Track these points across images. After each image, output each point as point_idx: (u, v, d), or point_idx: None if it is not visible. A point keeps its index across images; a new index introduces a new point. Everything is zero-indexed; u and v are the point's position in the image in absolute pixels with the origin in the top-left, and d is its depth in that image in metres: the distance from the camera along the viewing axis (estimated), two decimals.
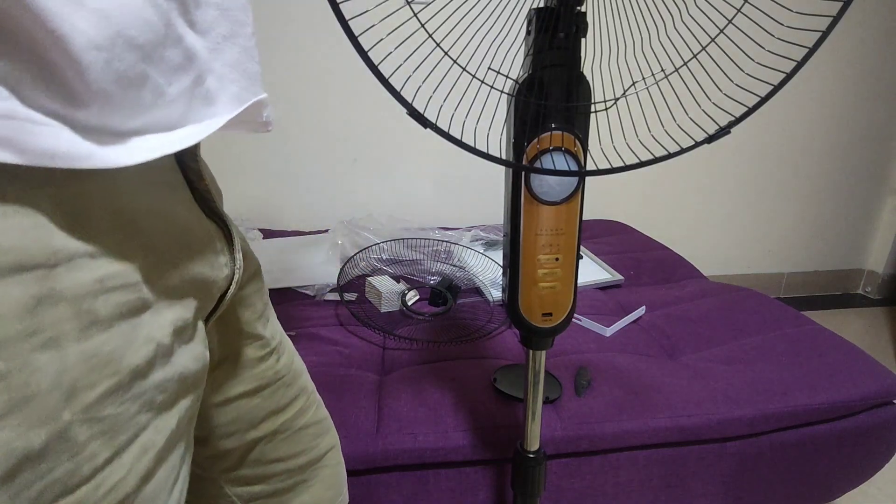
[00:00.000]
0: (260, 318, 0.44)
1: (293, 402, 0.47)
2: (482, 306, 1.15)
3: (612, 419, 0.80)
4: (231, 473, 0.44)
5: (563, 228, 0.53)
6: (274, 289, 1.22)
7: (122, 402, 0.25)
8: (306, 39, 1.51)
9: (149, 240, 0.28)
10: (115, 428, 0.25)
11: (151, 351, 0.27)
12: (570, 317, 0.58)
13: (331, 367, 0.90)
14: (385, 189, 1.71)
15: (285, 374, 0.46)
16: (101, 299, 0.24)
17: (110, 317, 0.24)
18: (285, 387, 0.46)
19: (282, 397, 0.45)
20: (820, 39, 0.34)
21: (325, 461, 0.50)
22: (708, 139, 0.41)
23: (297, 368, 0.48)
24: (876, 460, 0.95)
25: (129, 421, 0.26)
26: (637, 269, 1.37)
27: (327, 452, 0.50)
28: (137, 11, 0.23)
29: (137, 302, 0.26)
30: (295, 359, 0.49)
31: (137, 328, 0.26)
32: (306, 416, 0.48)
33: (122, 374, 0.25)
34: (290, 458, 0.47)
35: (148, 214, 0.28)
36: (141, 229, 0.27)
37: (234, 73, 0.31)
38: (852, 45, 1.82)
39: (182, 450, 0.31)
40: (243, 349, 0.42)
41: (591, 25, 0.46)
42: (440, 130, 0.39)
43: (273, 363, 0.45)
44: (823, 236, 2.09)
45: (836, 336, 1.02)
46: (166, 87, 0.26)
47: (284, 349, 0.47)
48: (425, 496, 0.78)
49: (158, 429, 0.28)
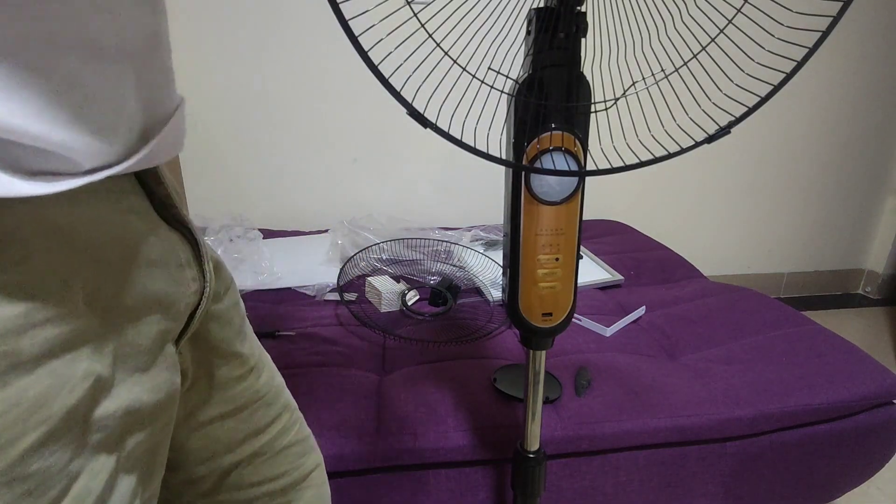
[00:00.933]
0: (238, 334, 0.41)
1: (274, 422, 0.44)
2: (482, 306, 1.15)
3: (612, 419, 0.80)
4: (207, 499, 0.42)
5: (563, 228, 0.53)
6: (274, 289, 1.22)
7: (52, 452, 0.21)
8: (306, 39, 1.51)
9: (92, 257, 0.24)
10: (44, 484, 0.21)
11: (89, 386, 0.23)
12: (570, 317, 0.58)
13: (331, 367, 0.90)
14: (385, 189, 1.71)
15: (266, 392, 0.43)
16: (26, 337, 0.20)
17: (37, 356, 0.21)
18: (266, 406, 0.43)
19: (262, 417, 0.43)
20: (820, 39, 0.34)
21: (309, 481, 0.47)
22: (708, 139, 0.41)
23: (278, 385, 0.46)
24: (876, 460, 0.95)
25: (60, 472, 0.22)
26: (637, 269, 1.37)
27: (311, 472, 0.48)
28: None
29: (72, 334, 0.23)
30: (276, 376, 0.46)
31: (73, 364, 0.22)
32: (289, 435, 0.46)
33: (53, 421, 0.21)
34: (272, 481, 0.44)
35: (90, 226, 0.25)
36: (82, 246, 0.24)
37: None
38: (852, 45, 1.82)
39: (133, 483, 0.28)
40: (219, 369, 0.39)
41: (591, 25, 0.46)
42: (440, 130, 0.39)
43: (253, 382, 0.42)
44: (823, 236, 2.09)
45: (836, 336, 1.02)
46: None
47: (264, 366, 0.44)
48: (425, 496, 0.78)
49: (94, 472, 0.24)
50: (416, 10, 0.36)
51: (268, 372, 0.45)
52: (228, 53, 1.48)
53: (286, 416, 0.46)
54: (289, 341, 0.98)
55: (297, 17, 1.48)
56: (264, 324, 1.05)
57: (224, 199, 1.62)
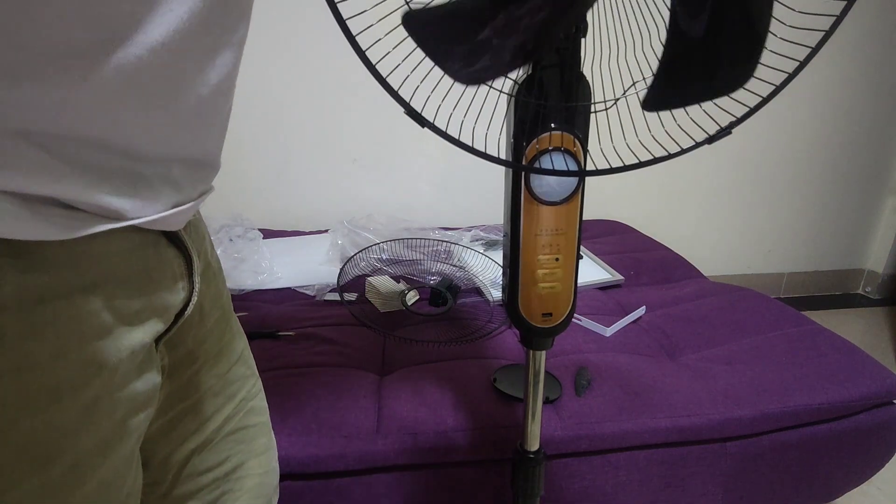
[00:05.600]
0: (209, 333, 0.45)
1: (220, 410, 0.47)
2: (482, 306, 1.15)
3: (612, 419, 0.80)
4: (166, 500, 0.44)
5: (563, 228, 0.53)
6: (274, 289, 1.22)
7: None
8: (306, 39, 1.51)
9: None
10: None
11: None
12: (570, 317, 0.58)
13: (331, 367, 0.90)
14: (385, 189, 1.71)
15: (214, 383, 0.46)
16: None
17: None
18: (213, 396, 0.46)
19: (210, 406, 0.46)
20: (823, 39, 0.34)
21: (245, 470, 0.50)
22: (709, 139, 0.41)
23: (230, 376, 0.49)
24: (876, 460, 0.95)
25: None
26: (637, 269, 1.37)
27: (249, 460, 0.50)
28: None
29: None
30: (235, 366, 0.49)
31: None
32: (230, 423, 0.48)
33: None
34: (215, 468, 0.47)
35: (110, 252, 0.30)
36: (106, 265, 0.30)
37: None
38: (852, 45, 1.82)
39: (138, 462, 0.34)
40: (190, 367, 0.43)
41: (591, 25, 0.46)
42: (438, 130, 0.38)
43: (204, 374, 0.45)
44: (823, 236, 2.09)
45: (836, 336, 1.02)
46: None
47: (221, 358, 0.48)
48: (425, 496, 0.78)
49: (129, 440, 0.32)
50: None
51: (224, 364, 0.47)
52: None
53: (230, 406, 0.48)
54: (289, 341, 0.98)
55: (296, 17, 1.48)
56: (264, 324, 1.05)
57: (224, 199, 1.62)
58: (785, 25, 0.36)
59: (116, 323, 0.30)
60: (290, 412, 0.78)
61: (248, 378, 0.51)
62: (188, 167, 0.35)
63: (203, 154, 0.36)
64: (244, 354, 0.51)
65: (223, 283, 0.48)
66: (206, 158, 0.37)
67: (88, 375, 0.28)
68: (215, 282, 0.46)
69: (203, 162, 0.37)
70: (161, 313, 0.35)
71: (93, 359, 0.29)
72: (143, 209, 0.31)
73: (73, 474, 0.28)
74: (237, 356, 0.49)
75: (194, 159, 0.35)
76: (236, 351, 0.49)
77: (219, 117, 0.37)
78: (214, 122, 0.36)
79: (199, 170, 0.36)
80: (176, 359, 0.41)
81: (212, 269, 0.45)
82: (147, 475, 0.43)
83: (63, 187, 0.26)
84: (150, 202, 0.31)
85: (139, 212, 0.30)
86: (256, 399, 0.52)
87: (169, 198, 0.33)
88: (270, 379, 0.85)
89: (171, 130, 0.31)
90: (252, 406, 0.51)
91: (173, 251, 0.37)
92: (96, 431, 0.29)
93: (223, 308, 0.47)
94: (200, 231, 0.43)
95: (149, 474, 0.43)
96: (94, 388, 0.29)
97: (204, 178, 0.38)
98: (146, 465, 0.42)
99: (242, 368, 0.50)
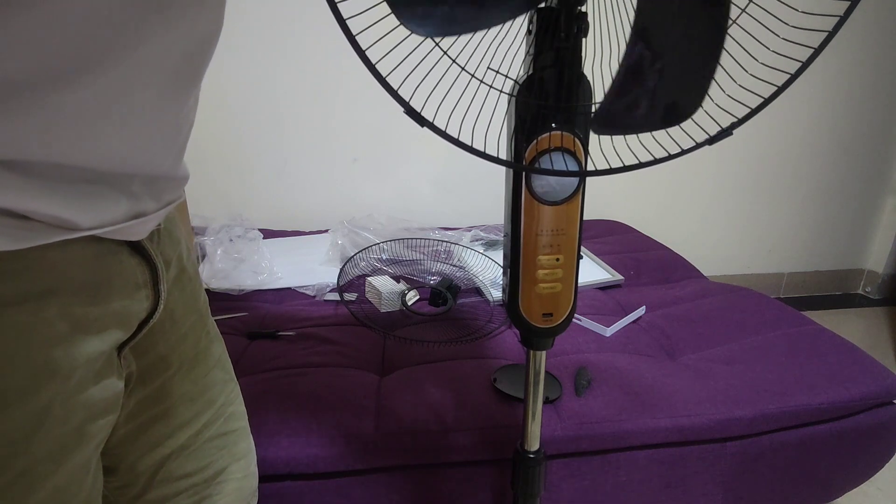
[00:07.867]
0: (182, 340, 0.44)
1: (198, 416, 0.47)
2: (482, 306, 1.15)
3: (612, 419, 0.80)
4: (140, 500, 0.44)
5: (563, 228, 0.53)
6: (274, 289, 1.22)
7: None
8: (306, 39, 1.50)
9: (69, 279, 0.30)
10: None
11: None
12: (571, 317, 0.58)
13: (331, 367, 0.89)
14: (385, 189, 1.71)
15: (190, 389, 0.46)
16: None
17: None
18: (189, 401, 0.46)
19: (185, 412, 0.45)
20: (826, 40, 0.34)
21: (227, 475, 0.50)
22: (709, 140, 0.40)
23: (206, 382, 0.48)
24: (876, 460, 0.95)
25: None
26: (637, 269, 1.37)
27: (230, 465, 0.50)
28: None
29: None
30: (212, 371, 0.49)
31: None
32: (211, 429, 0.48)
33: None
34: (195, 474, 0.47)
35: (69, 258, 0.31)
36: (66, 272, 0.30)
37: None
38: (853, 46, 1.82)
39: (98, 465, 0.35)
40: (162, 374, 0.42)
41: (591, 25, 0.45)
42: (438, 129, 0.38)
43: (180, 380, 0.45)
44: (823, 236, 2.09)
45: (836, 336, 1.02)
46: None
47: (196, 364, 0.47)
48: (425, 496, 0.78)
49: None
50: None
51: (201, 369, 0.47)
52: (228, 54, 1.48)
53: (209, 412, 0.48)
54: (289, 341, 0.98)
55: (296, 17, 1.48)
56: (264, 324, 1.05)
57: (224, 199, 1.62)
58: (787, 26, 0.36)
59: (72, 330, 0.30)
60: (290, 412, 0.78)
61: (227, 383, 0.51)
62: (148, 182, 0.34)
63: (164, 171, 0.36)
64: (222, 359, 0.50)
65: (200, 287, 0.48)
66: (168, 173, 0.37)
67: (39, 382, 0.28)
68: (191, 286, 0.45)
69: (165, 176, 0.36)
70: (122, 322, 0.35)
71: (45, 366, 0.28)
72: (99, 220, 0.30)
73: (23, 481, 0.28)
74: (214, 361, 0.49)
75: (154, 175, 0.35)
76: (213, 355, 0.49)
77: (179, 137, 0.37)
78: (173, 144, 0.36)
79: (160, 183, 0.36)
80: (146, 365, 0.40)
81: (186, 274, 0.44)
82: (116, 479, 0.42)
83: (15, 198, 0.25)
84: (106, 213, 0.31)
85: (94, 222, 0.30)
86: (235, 404, 0.52)
87: (127, 209, 0.33)
88: (270, 379, 0.85)
89: (128, 152, 0.31)
90: (232, 411, 0.51)
91: (136, 260, 0.36)
92: (49, 438, 0.29)
93: (199, 312, 0.47)
94: (174, 237, 0.43)
95: (118, 478, 0.42)
96: (46, 394, 0.28)
97: (168, 189, 0.38)
98: (115, 470, 0.42)
99: (220, 373, 0.50)
